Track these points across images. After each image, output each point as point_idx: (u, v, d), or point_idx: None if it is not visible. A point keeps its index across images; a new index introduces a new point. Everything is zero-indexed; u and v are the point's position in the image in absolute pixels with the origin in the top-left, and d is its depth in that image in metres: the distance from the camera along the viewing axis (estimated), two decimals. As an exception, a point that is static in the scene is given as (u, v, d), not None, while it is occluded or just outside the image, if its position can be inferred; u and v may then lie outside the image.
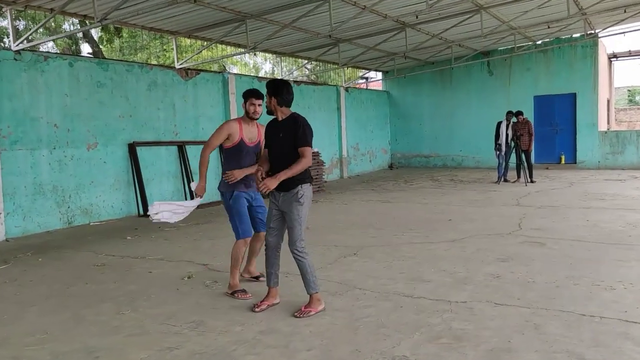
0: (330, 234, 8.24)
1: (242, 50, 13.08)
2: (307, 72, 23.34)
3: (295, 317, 4.56)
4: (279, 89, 4.61)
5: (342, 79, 19.93)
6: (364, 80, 23.66)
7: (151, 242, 8.12)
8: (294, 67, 18.87)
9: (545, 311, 4.53)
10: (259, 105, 5.24)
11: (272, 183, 4.45)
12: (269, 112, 4.78)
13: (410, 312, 4.61)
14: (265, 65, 31.17)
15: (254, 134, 5.31)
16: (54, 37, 11.99)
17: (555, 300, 4.79)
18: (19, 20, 18.98)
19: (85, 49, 23.34)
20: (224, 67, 25.06)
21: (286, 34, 12.60)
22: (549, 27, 14.60)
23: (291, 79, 16.22)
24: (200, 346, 4.03)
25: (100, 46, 22.67)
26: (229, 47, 14.84)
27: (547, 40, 18.08)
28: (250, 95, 5.27)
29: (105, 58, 15.12)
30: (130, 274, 6.23)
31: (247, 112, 5.27)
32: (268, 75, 24.55)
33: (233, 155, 5.32)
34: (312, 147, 4.61)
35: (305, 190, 4.63)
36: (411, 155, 21.32)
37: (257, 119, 5.34)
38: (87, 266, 6.69)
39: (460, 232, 8.03)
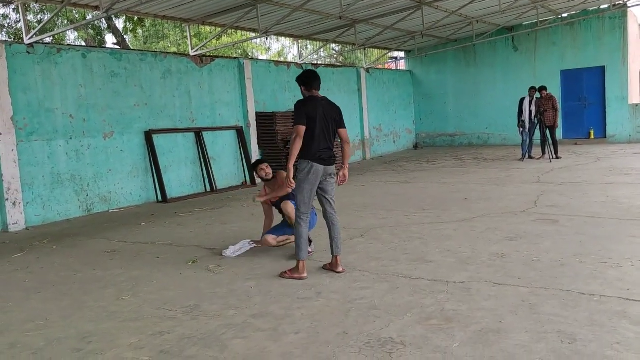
0: (342, 216, 7.97)
1: (255, 35, 13.00)
2: (335, 54, 23.16)
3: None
4: (300, 79, 5.34)
5: (369, 59, 19.67)
6: (393, 60, 23.35)
7: (164, 228, 8.22)
8: (322, 50, 18.75)
9: (545, 290, 4.41)
10: (266, 167, 6.36)
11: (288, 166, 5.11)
12: None
13: (405, 294, 4.55)
14: (293, 49, 31.12)
15: (275, 187, 6.29)
16: (65, 29, 11.93)
17: (556, 280, 4.66)
18: (44, 13, 19.30)
19: (110, 39, 23.63)
20: (248, 54, 25.05)
21: (298, 17, 12.49)
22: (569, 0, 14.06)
23: (310, 62, 16.10)
24: (191, 330, 4.05)
25: (125, 36, 22.93)
26: (247, 34, 14.79)
27: (574, 12, 17.50)
28: (255, 165, 6.49)
29: (120, 48, 15.26)
30: (137, 260, 6.31)
31: (261, 178, 6.42)
32: (289, 59, 24.36)
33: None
34: (301, 124, 5.02)
35: (304, 165, 5.09)
36: (436, 135, 21.02)
37: (270, 179, 6.38)
38: (98, 253, 6.81)
39: (473, 212, 7.90)
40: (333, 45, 18.28)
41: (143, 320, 4.33)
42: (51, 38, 11.29)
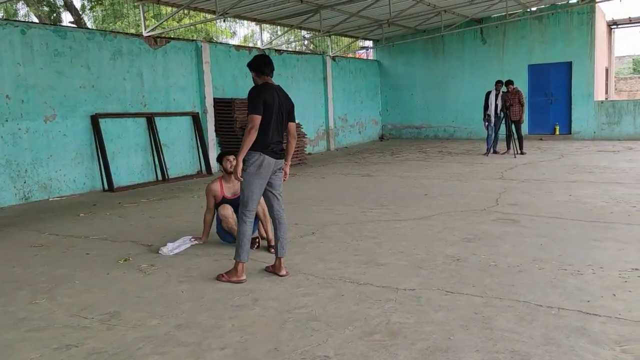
0: (295, 211, 7.77)
1: (212, 16, 12.39)
2: (305, 41, 22.56)
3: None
4: (251, 64, 4.91)
5: (338, 47, 19.18)
6: (364, 51, 22.84)
7: (103, 220, 7.67)
8: (292, 37, 18.25)
9: (499, 301, 4.07)
10: (233, 159, 5.79)
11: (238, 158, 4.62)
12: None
13: (350, 302, 4.15)
14: (264, 36, 30.41)
15: (236, 187, 5.81)
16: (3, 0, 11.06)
17: (513, 288, 4.32)
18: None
19: (67, 17, 22.63)
20: (212, 38, 24.30)
21: (258, -1, 11.95)
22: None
23: (273, 48, 15.57)
24: (103, 343, 3.58)
25: (83, 15, 21.97)
26: (207, 15, 14.16)
27: (543, 6, 17.33)
28: (223, 155, 6.05)
29: (64, 25, 14.39)
30: (65, 256, 5.78)
31: (225, 170, 5.93)
32: (253, 45, 23.73)
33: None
34: (257, 113, 4.58)
35: (255, 158, 4.62)
36: (402, 127, 20.73)
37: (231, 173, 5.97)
38: (24, 247, 6.25)
39: (433, 209, 7.56)
40: (304, 33, 17.74)
41: (52, 330, 3.84)
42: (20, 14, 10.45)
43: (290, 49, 17.54)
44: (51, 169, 9.53)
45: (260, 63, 4.86)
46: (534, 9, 17.37)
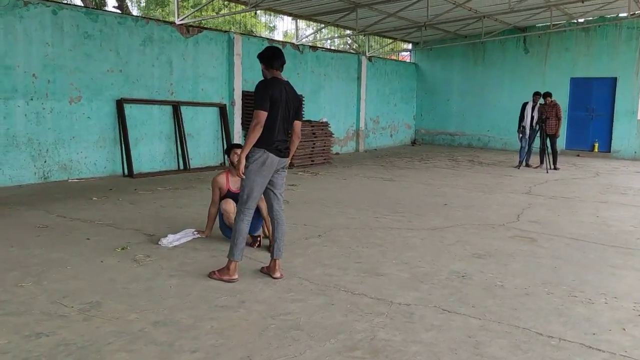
0: (307, 211, 7.60)
1: (243, 7, 12.28)
2: (348, 40, 22.19)
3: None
4: (261, 56, 4.72)
5: (378, 48, 18.91)
6: (407, 53, 22.40)
7: (114, 205, 7.63)
8: (336, 35, 18.11)
9: (497, 325, 3.80)
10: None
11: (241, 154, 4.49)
12: None
13: (338, 313, 3.95)
14: (307, 31, 30.33)
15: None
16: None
17: (515, 312, 4.05)
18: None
19: (112, 2, 22.96)
20: (252, 31, 24.28)
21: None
22: (583, 2, 13.20)
23: (308, 45, 15.40)
24: (74, 335, 3.46)
25: (126, 0, 22.22)
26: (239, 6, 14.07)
27: (590, 18, 16.70)
28: (231, 148, 5.87)
29: (96, 8, 14.52)
30: (64, 240, 5.73)
31: (232, 163, 5.73)
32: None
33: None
34: (263, 109, 4.41)
35: (258, 154, 4.46)
36: (436, 133, 20.33)
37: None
38: (28, 227, 6.23)
39: (449, 219, 7.28)
40: (348, 32, 17.52)
41: (28, 316, 3.75)
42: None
43: (326, 47, 17.32)
44: (72, 150, 9.57)
45: (271, 56, 4.67)
46: (580, 20, 16.76)
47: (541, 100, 13.50)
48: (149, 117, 10.80)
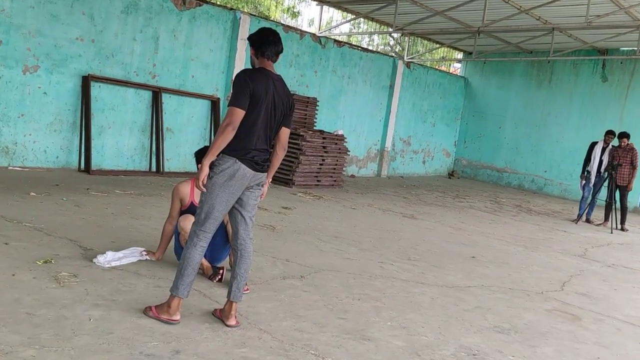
0: (295, 243, 7.39)
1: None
2: (391, 41, 21.96)
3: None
4: (252, 39, 4.54)
5: (430, 54, 18.84)
6: (459, 65, 22.22)
7: (54, 205, 7.49)
8: (374, 30, 18.10)
9: None
10: None
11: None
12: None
13: (297, 384, 3.67)
14: (344, 27, 30.53)
15: None
16: None
17: (532, 414, 3.74)
18: None
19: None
20: (268, 16, 24.32)
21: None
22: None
23: (331, 37, 15.31)
24: (-59, 369, 3.23)
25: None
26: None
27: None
28: (203, 151, 5.48)
29: None
30: (-23, 242, 5.54)
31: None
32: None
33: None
34: (240, 107, 4.21)
35: (228, 164, 4.27)
36: (480, 166, 20.10)
37: None
38: (-63, 219, 6.07)
39: (473, 278, 7.00)
40: (395, 35, 17.54)
41: None
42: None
43: (350, 43, 17.19)
44: (19, 131, 9.50)
45: (263, 40, 4.46)
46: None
47: (615, 142, 13.22)
48: (122, 102, 10.74)
